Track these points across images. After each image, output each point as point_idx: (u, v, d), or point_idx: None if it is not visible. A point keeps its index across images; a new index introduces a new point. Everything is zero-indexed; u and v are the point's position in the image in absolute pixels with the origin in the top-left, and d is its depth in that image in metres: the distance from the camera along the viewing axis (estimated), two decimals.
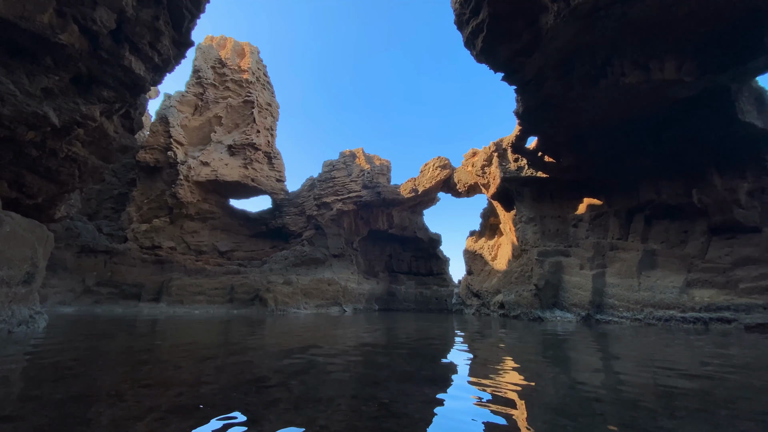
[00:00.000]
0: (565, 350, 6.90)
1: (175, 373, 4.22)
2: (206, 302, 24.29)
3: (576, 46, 12.53)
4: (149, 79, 11.58)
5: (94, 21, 9.24)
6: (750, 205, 14.09)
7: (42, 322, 8.99)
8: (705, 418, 2.79)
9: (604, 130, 16.08)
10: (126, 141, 13.65)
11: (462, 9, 13.80)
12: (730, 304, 12.71)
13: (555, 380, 4.12)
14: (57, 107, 10.44)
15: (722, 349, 7.05)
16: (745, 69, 12.00)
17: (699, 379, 4.20)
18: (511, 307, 19.07)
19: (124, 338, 7.72)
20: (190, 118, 28.57)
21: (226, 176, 27.92)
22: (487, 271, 26.05)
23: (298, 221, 31.49)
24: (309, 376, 4.08)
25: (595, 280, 16.30)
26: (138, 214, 25.78)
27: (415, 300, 34.40)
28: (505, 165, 21.98)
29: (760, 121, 13.58)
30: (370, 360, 5.36)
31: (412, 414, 2.81)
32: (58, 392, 3.23)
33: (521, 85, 15.27)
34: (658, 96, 13.45)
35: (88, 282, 22.17)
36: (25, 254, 8.54)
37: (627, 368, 4.98)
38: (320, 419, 2.65)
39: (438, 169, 30.41)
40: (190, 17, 11.47)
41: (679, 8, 10.73)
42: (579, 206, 20.03)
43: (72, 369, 4.32)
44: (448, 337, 9.10)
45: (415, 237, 35.52)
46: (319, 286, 27.34)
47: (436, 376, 4.33)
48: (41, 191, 12.88)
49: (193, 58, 29.76)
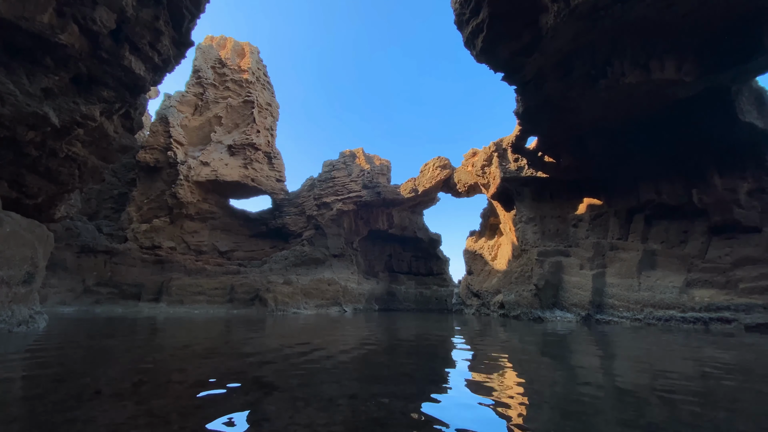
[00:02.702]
0: (564, 350, 6.90)
1: (176, 373, 4.22)
2: (206, 302, 24.29)
3: (576, 46, 12.54)
4: (149, 79, 11.58)
5: (94, 21, 9.25)
6: (750, 205, 14.09)
7: (42, 322, 9.00)
8: (705, 418, 2.79)
9: (604, 130, 16.08)
10: (126, 141, 13.65)
11: (462, 9, 13.81)
12: (730, 304, 12.70)
13: (555, 380, 4.12)
14: (57, 107, 10.44)
15: (722, 349, 7.05)
16: (745, 69, 12.01)
17: (699, 379, 4.20)
18: (511, 307, 19.07)
19: (124, 338, 7.72)
20: (190, 118, 28.58)
21: (226, 176, 27.93)
22: (487, 271, 26.05)
23: (298, 221, 31.50)
24: (309, 376, 4.08)
25: (595, 280, 16.30)
26: (138, 214, 25.78)
27: (415, 300, 34.39)
28: (505, 165, 21.99)
29: (760, 121, 13.58)
30: (370, 360, 5.36)
31: (412, 413, 2.81)
32: (59, 392, 3.23)
33: (521, 85, 15.27)
34: (658, 96, 13.45)
35: (88, 282, 22.17)
36: (25, 254, 8.54)
37: (627, 368, 4.98)
38: (320, 419, 2.66)
39: (438, 169, 30.42)
40: (190, 17, 11.48)
41: (679, 8, 10.73)
42: (579, 206, 20.03)
43: (72, 369, 4.32)
44: (448, 337, 9.10)
45: (415, 237, 35.52)
46: (319, 286, 27.34)
47: (437, 376, 4.33)
48: (41, 191, 12.88)
49: (193, 58, 29.76)
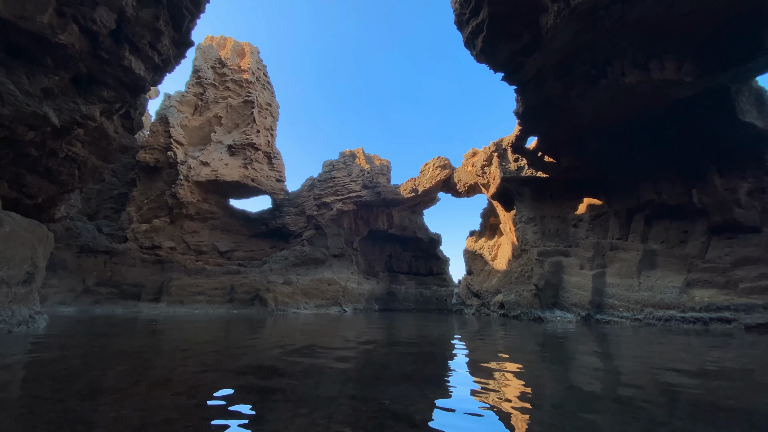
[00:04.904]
0: (565, 350, 6.90)
1: (176, 373, 4.22)
2: (206, 302, 24.29)
3: (576, 46, 12.53)
4: (149, 79, 11.58)
5: (94, 21, 9.25)
6: (750, 205, 14.09)
7: (42, 322, 8.99)
8: (705, 419, 2.79)
9: (603, 130, 16.08)
10: (126, 141, 13.65)
11: (462, 9, 13.80)
12: (730, 304, 12.70)
13: (555, 380, 4.12)
14: (57, 107, 10.44)
15: (722, 349, 7.04)
16: (745, 69, 12.00)
17: (698, 380, 4.20)
18: (511, 307, 19.07)
19: (125, 338, 7.72)
20: (190, 118, 28.57)
21: (226, 176, 27.92)
22: (487, 271, 26.05)
23: (298, 221, 31.49)
24: (309, 376, 4.08)
25: (595, 280, 16.30)
26: (138, 214, 25.78)
27: (415, 300, 34.39)
28: (505, 165, 21.98)
29: (760, 121, 13.57)
30: (370, 360, 5.36)
31: (412, 414, 2.81)
32: (59, 392, 3.23)
33: (521, 85, 15.27)
34: (658, 96, 13.45)
35: (88, 282, 22.17)
36: (25, 254, 8.54)
37: (627, 368, 4.98)
38: (320, 419, 2.66)
39: (438, 169, 30.42)
40: (190, 17, 11.48)
41: (679, 8, 10.73)
42: (579, 206, 20.02)
43: (72, 368, 4.32)
44: (448, 337, 9.09)
45: (415, 237, 35.51)
46: (319, 286, 27.34)
47: (436, 376, 4.33)
48: (41, 191, 12.88)
49: (193, 58, 29.75)
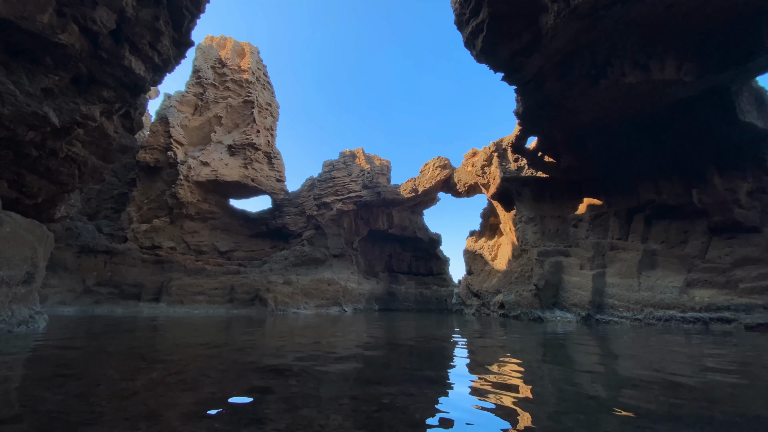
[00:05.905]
0: (565, 350, 6.90)
1: (177, 373, 4.22)
2: (206, 302, 24.29)
3: (576, 46, 12.53)
4: (149, 79, 11.58)
5: (94, 21, 9.25)
6: (750, 205, 14.09)
7: (42, 322, 8.99)
8: (705, 419, 2.79)
9: (604, 130, 16.08)
10: (126, 141, 13.65)
11: (462, 9, 13.80)
12: (730, 304, 12.71)
13: (555, 380, 4.12)
14: (57, 107, 10.44)
15: (722, 349, 7.05)
16: (745, 69, 12.00)
17: (698, 380, 4.20)
18: (511, 307, 19.06)
19: (125, 338, 7.72)
20: (190, 118, 28.57)
21: (226, 176, 27.93)
22: (487, 271, 26.05)
23: (298, 221, 31.50)
24: (309, 376, 4.08)
25: (595, 280, 16.30)
26: (138, 214, 25.78)
27: (415, 300, 34.40)
28: (505, 165, 21.98)
29: (760, 121, 13.57)
30: (371, 360, 5.36)
31: (413, 414, 2.81)
32: (60, 392, 3.23)
33: (521, 85, 15.27)
34: (658, 96, 13.45)
35: (88, 282, 22.17)
36: (25, 254, 8.54)
37: (627, 368, 4.98)
38: (320, 419, 2.66)
39: (438, 169, 30.42)
40: (190, 17, 11.48)
41: (679, 8, 10.73)
42: (579, 206, 20.02)
43: (73, 369, 4.32)
44: (448, 336, 9.09)
45: (415, 237, 35.52)
46: (319, 286, 27.34)
47: (437, 376, 4.33)
48: (41, 191, 12.88)
49: (193, 58, 29.76)
